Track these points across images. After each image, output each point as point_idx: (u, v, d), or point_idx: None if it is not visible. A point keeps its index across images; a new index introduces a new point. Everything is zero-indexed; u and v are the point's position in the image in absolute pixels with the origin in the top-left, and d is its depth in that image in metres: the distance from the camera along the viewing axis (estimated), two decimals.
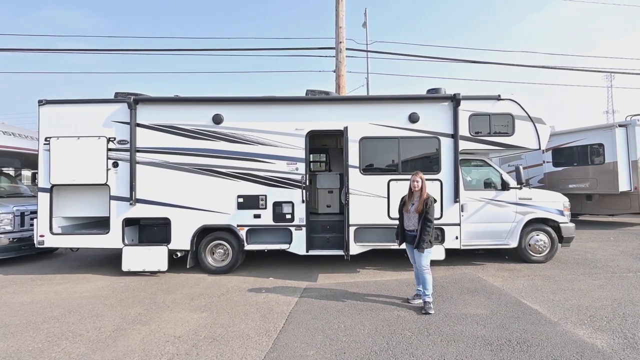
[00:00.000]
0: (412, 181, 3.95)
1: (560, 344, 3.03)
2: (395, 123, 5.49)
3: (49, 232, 5.50)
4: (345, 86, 9.31)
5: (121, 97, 5.54)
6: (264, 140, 5.50)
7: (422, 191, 3.90)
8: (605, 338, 3.15)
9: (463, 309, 3.87)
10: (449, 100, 5.48)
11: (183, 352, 3.02)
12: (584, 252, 6.59)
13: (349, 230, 5.31)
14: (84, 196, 5.64)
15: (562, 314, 3.70)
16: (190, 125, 5.51)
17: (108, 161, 5.44)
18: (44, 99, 5.53)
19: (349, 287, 4.76)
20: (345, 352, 2.97)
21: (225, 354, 2.99)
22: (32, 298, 4.52)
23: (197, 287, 4.85)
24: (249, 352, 3.01)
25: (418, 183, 3.92)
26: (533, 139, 5.57)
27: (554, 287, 4.60)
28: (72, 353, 3.05)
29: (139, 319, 3.76)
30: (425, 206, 3.81)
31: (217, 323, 3.62)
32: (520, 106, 5.55)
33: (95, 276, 5.51)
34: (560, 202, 5.91)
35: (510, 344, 3.06)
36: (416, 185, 3.92)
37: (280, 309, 3.97)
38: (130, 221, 5.60)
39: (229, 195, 5.47)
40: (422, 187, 3.91)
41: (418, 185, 3.92)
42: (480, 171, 6.06)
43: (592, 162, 9.65)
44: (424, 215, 3.80)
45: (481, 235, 5.69)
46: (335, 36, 9.27)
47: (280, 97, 5.66)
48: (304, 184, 5.44)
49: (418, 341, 3.14)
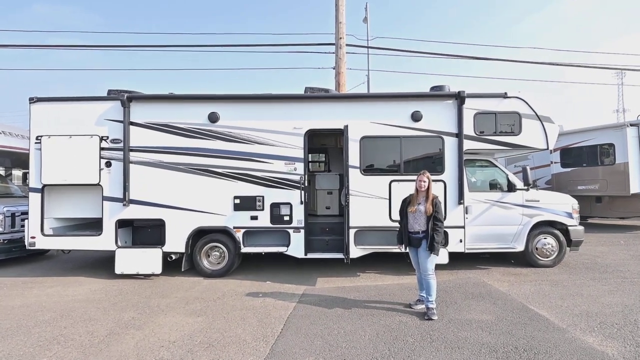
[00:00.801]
0: (419, 181, 3.92)
1: (568, 352, 3.01)
2: (397, 122, 5.48)
3: (40, 233, 5.51)
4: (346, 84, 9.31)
5: (114, 95, 5.55)
6: (262, 139, 5.49)
7: (428, 191, 3.89)
8: (616, 345, 3.12)
9: (467, 315, 3.85)
10: (453, 98, 5.46)
11: (178, 358, 3.01)
12: (593, 256, 6.56)
13: (349, 233, 5.29)
14: (76, 197, 5.64)
15: (571, 320, 3.68)
16: (185, 124, 5.51)
17: (101, 161, 5.45)
18: (35, 97, 5.54)
19: (349, 291, 4.75)
20: (345, 359, 2.96)
21: (222, 359, 2.98)
22: (23, 301, 4.52)
23: (192, 291, 4.85)
24: (246, 357, 3.00)
25: (425, 183, 3.89)
26: (541, 139, 5.55)
27: (562, 292, 4.58)
28: (64, 358, 3.04)
29: (132, 323, 3.75)
30: (434, 206, 3.81)
31: (212, 328, 3.61)
32: (528, 104, 5.53)
33: (87, 279, 5.51)
34: (568, 204, 5.89)
35: (516, 351, 3.04)
36: (423, 185, 3.89)
37: (278, 314, 3.96)
38: (124, 222, 5.60)
39: (225, 196, 5.47)
40: (429, 187, 3.90)
41: (425, 185, 3.89)
42: (485, 172, 6.05)
43: (602, 163, 9.62)
44: (434, 215, 3.79)
45: (486, 238, 5.67)
46: (335, 32, 9.27)
47: (278, 95, 5.66)
48: (302, 185, 5.44)
49: (421, 348, 3.13)
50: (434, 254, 3.82)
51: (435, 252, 3.80)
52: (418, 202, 3.93)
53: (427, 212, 3.83)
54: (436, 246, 3.77)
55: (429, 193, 3.88)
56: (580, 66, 12.26)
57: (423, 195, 3.92)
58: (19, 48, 11.31)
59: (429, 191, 3.89)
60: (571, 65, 13.05)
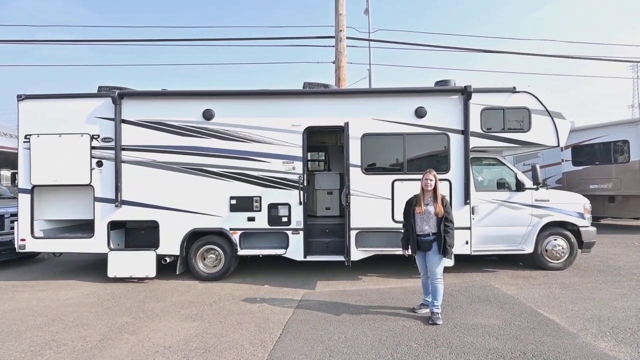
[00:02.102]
0: (425, 179, 3.89)
1: (579, 358, 3.02)
2: (400, 118, 5.49)
3: (30, 235, 5.55)
4: (346, 78, 9.30)
5: (105, 92, 5.57)
6: (258, 137, 5.51)
7: (436, 191, 3.86)
8: (629, 351, 3.13)
9: (473, 319, 3.87)
10: (459, 93, 5.47)
11: None
12: (606, 259, 6.57)
13: (349, 234, 5.31)
14: (67, 198, 5.67)
15: (582, 325, 3.70)
16: (179, 122, 5.54)
17: (92, 160, 5.47)
18: (23, 94, 5.57)
19: (350, 295, 4.77)
20: None
21: None
22: (14, 305, 4.56)
23: (187, 295, 4.88)
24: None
25: (432, 182, 3.85)
26: (551, 136, 5.55)
27: (572, 296, 4.59)
28: None
29: (126, 328, 3.79)
30: (445, 207, 3.80)
31: (209, 333, 3.64)
32: (537, 99, 5.53)
33: (79, 282, 5.55)
34: (580, 204, 5.89)
35: (525, 356, 3.06)
36: (429, 184, 3.86)
37: (277, 318, 3.98)
38: (116, 224, 5.63)
39: (220, 197, 5.49)
40: (436, 186, 3.87)
41: (432, 184, 3.86)
42: (492, 170, 6.05)
43: (615, 161, 9.61)
44: (445, 216, 3.77)
45: (493, 239, 5.68)
46: (335, 24, 9.27)
47: (276, 91, 5.67)
48: (301, 185, 5.46)
49: (425, 353, 3.15)
50: (446, 258, 3.82)
51: (448, 256, 3.79)
52: (426, 202, 3.89)
53: (439, 214, 3.79)
54: (449, 249, 3.76)
55: (436, 193, 3.85)
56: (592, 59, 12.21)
57: (430, 195, 3.89)
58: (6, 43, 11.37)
59: (436, 191, 3.85)
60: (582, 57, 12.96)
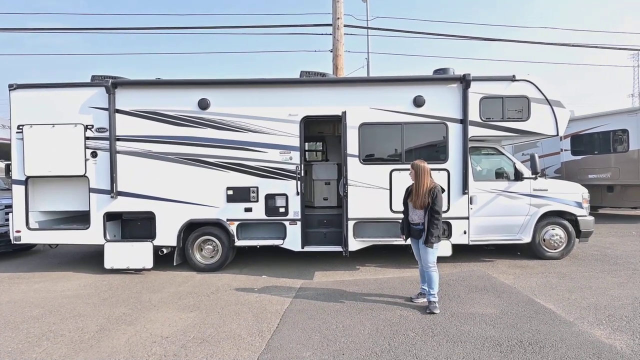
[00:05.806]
0: None
1: (575, 345, 3.05)
2: (398, 107, 5.43)
3: (25, 227, 5.52)
4: (344, 67, 9.22)
5: (98, 81, 5.48)
6: (255, 127, 5.45)
7: (420, 180, 3.82)
8: (625, 339, 3.16)
9: (471, 308, 3.89)
10: (458, 81, 5.41)
11: (171, 354, 3.05)
12: (603, 248, 6.61)
13: (347, 225, 5.31)
14: (61, 189, 5.63)
15: (579, 313, 3.73)
16: (174, 111, 5.46)
17: (86, 151, 5.42)
18: (14, 84, 5.47)
19: (348, 285, 4.79)
20: (344, 354, 3.00)
21: (216, 355, 3.02)
22: (10, 297, 4.55)
23: (184, 286, 4.89)
24: (241, 353, 3.04)
25: (412, 173, 3.92)
26: (550, 125, 5.51)
27: (569, 285, 4.62)
28: (54, 354, 3.08)
29: (123, 319, 3.80)
30: (432, 197, 3.75)
31: (206, 323, 3.65)
32: (537, 88, 5.48)
33: (76, 274, 5.55)
34: (578, 194, 5.90)
35: (521, 345, 3.08)
36: (411, 175, 3.93)
37: (274, 309, 4.00)
38: (112, 215, 5.61)
39: (217, 187, 5.46)
40: (419, 175, 3.82)
41: (412, 175, 3.91)
42: (491, 160, 6.03)
43: (614, 150, 9.60)
44: (431, 206, 3.76)
45: (491, 229, 5.70)
46: (333, 11, 9.11)
47: (272, 80, 5.59)
48: (298, 175, 5.43)
49: (422, 342, 3.17)
50: (435, 246, 3.83)
51: (428, 246, 3.79)
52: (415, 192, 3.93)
53: (423, 204, 3.79)
54: (430, 239, 3.76)
55: (423, 182, 3.80)
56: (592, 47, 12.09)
57: (415, 185, 3.91)
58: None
59: (421, 180, 3.81)
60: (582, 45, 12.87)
